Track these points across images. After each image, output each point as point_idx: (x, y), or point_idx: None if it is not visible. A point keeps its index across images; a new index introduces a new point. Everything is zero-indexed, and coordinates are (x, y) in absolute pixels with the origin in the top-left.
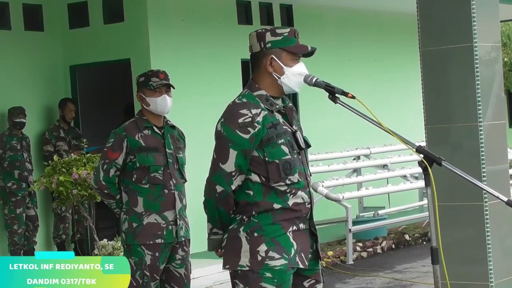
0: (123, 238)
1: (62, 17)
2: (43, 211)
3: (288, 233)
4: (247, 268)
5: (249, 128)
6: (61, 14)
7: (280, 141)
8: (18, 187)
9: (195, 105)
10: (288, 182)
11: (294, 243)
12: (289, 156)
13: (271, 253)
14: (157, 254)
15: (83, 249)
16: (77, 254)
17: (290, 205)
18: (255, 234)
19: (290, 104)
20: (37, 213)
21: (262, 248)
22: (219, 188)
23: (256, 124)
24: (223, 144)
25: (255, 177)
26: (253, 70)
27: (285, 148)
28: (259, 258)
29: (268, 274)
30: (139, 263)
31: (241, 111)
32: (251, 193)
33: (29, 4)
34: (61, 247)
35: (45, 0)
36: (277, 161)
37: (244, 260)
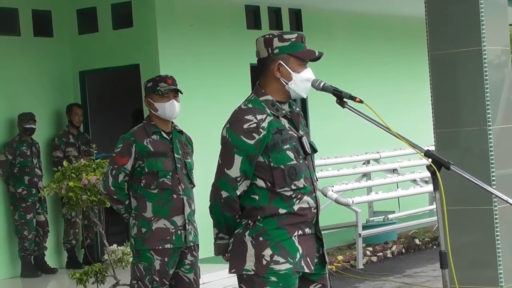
0: (132, 243)
1: (71, 23)
2: (53, 216)
3: (293, 238)
4: (252, 272)
5: (254, 134)
6: (70, 20)
7: (285, 147)
8: (28, 193)
9: (204, 110)
10: (293, 187)
11: (300, 248)
12: (294, 162)
13: (276, 257)
14: (166, 259)
15: (93, 254)
16: (86, 259)
17: (296, 210)
18: (260, 239)
19: (297, 109)
20: (47, 219)
21: (267, 252)
22: (224, 194)
23: (261, 130)
24: (228, 150)
25: (260, 182)
26: (259, 75)
27: (291, 154)
28: (264, 262)
29: (273, 278)
30: (148, 268)
31: (246, 117)
32: (257, 198)
33: (38, 10)
34: (71, 252)
35: (54, 6)
36: (282, 166)
37: (250, 264)
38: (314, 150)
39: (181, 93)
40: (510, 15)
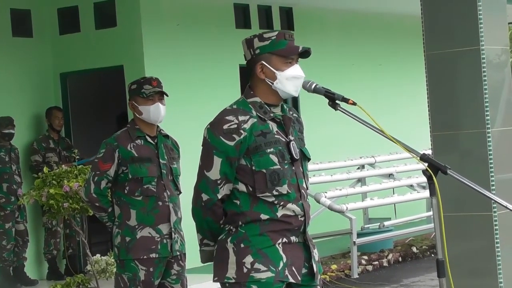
0: (115, 253)
1: (51, 22)
2: (33, 225)
3: (277, 245)
4: (233, 281)
5: (234, 135)
6: (50, 19)
7: (268, 150)
8: (6, 201)
9: (191, 114)
10: (275, 193)
11: (284, 256)
12: (278, 166)
13: (257, 265)
14: (151, 269)
15: (75, 265)
16: (68, 270)
17: (279, 216)
18: (242, 245)
19: (294, 115)
20: (26, 228)
21: (248, 259)
22: (204, 197)
23: (241, 131)
24: (208, 151)
25: (242, 187)
26: (249, 77)
27: (274, 158)
28: (245, 270)
29: (254, 287)
30: (133, 279)
31: (227, 117)
32: (238, 202)
33: (17, 9)
34: (52, 263)
35: (33, 5)
36: (264, 170)
37: (231, 272)
38: (306, 158)
39: (167, 95)
40: (509, 13)
